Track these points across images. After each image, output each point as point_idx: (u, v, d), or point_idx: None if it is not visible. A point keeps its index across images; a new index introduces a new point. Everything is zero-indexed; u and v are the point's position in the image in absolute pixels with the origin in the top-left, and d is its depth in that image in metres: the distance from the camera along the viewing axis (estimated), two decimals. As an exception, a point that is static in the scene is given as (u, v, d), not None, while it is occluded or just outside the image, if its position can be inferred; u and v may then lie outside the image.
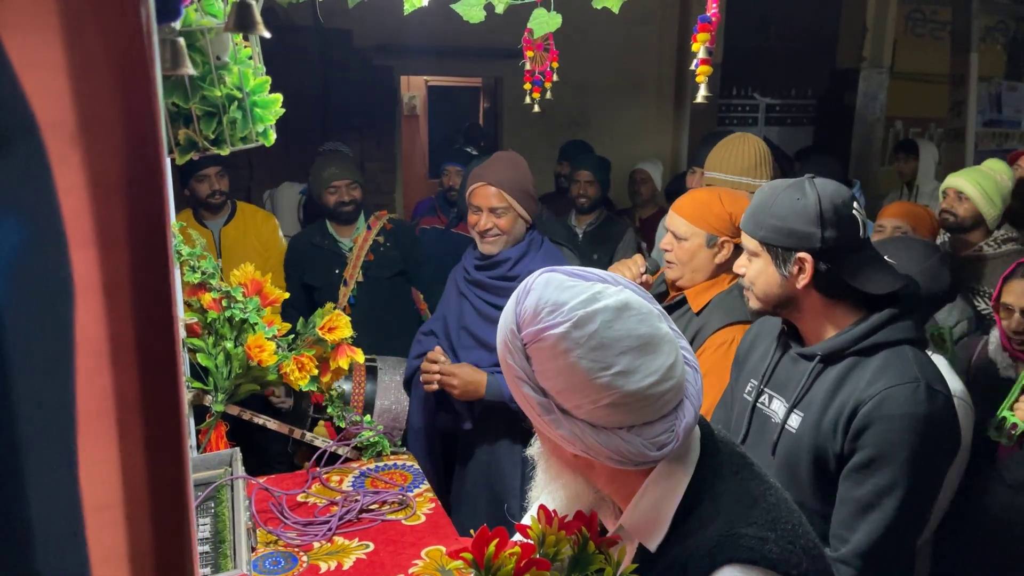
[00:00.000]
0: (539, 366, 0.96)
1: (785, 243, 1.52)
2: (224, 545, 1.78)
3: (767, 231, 1.54)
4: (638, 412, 0.96)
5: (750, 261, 1.61)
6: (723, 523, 0.99)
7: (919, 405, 1.42)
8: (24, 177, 0.51)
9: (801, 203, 1.51)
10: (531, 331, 0.96)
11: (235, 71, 0.90)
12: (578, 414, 0.96)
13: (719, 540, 0.97)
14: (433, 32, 4.59)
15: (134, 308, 0.55)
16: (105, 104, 0.51)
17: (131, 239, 0.54)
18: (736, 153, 2.71)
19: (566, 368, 0.93)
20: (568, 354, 0.93)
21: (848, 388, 1.50)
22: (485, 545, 0.94)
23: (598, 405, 0.94)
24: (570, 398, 0.95)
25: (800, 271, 1.53)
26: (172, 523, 0.58)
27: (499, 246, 2.44)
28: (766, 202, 1.56)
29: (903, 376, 1.46)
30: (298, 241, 3.45)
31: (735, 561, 0.96)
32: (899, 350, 1.51)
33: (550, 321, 0.95)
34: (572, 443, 0.97)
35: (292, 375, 2.15)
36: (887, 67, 6.76)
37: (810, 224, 1.49)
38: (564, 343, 0.93)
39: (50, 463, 0.55)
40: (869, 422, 1.44)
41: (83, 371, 0.54)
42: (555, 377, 0.95)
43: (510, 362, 0.98)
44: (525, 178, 2.45)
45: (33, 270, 0.52)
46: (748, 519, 0.99)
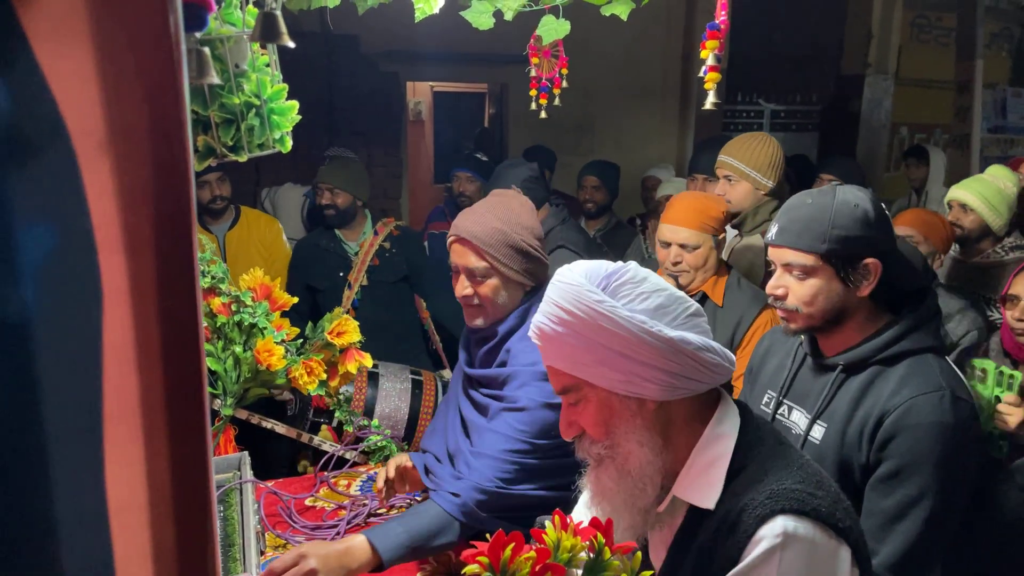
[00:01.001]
0: (628, 296, 1.10)
1: (853, 251, 1.50)
2: (233, 548, 1.79)
3: (833, 243, 1.50)
4: (705, 326, 1.14)
5: (802, 280, 1.54)
6: (772, 480, 1.08)
7: (945, 414, 1.42)
8: (55, 184, 0.52)
9: (860, 210, 1.50)
10: (603, 275, 1.12)
11: (253, 79, 0.92)
12: (675, 325, 1.10)
13: (771, 493, 1.06)
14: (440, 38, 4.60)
15: (160, 311, 0.56)
16: (134, 112, 0.52)
17: (158, 244, 0.55)
18: (759, 149, 2.75)
19: (652, 288, 1.11)
20: (647, 279, 1.12)
21: (872, 397, 1.50)
22: (501, 549, 0.95)
23: (689, 312, 1.12)
24: (666, 311, 1.11)
25: (866, 278, 1.52)
26: (195, 523, 0.59)
27: (481, 319, 1.86)
28: (821, 215, 1.52)
29: (929, 385, 1.45)
30: (304, 243, 3.47)
31: (787, 512, 1.04)
32: (922, 358, 1.51)
33: (615, 267, 1.14)
34: (672, 361, 1.08)
35: (301, 379, 2.16)
36: (892, 73, 6.76)
37: (872, 229, 1.50)
38: (640, 273, 1.13)
39: (77, 463, 0.56)
40: (896, 431, 1.44)
41: (110, 373, 0.55)
42: (648, 296, 1.10)
43: (596, 301, 1.08)
44: (519, 226, 1.82)
45: (63, 274, 0.53)
46: (795, 478, 1.08)
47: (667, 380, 1.09)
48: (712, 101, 1.65)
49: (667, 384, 1.10)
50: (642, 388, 1.10)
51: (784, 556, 1.03)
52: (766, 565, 1.03)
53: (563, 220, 3.04)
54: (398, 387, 2.66)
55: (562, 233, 2.98)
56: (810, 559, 1.04)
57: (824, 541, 1.05)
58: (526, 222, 1.85)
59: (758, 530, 1.04)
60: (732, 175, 2.77)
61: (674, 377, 1.09)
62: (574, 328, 1.09)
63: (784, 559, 1.03)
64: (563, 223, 3.03)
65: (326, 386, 2.24)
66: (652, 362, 1.08)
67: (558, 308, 1.11)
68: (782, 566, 1.03)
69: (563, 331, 1.11)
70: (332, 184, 3.29)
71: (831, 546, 1.05)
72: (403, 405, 2.66)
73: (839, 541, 1.06)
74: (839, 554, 1.06)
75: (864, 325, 1.57)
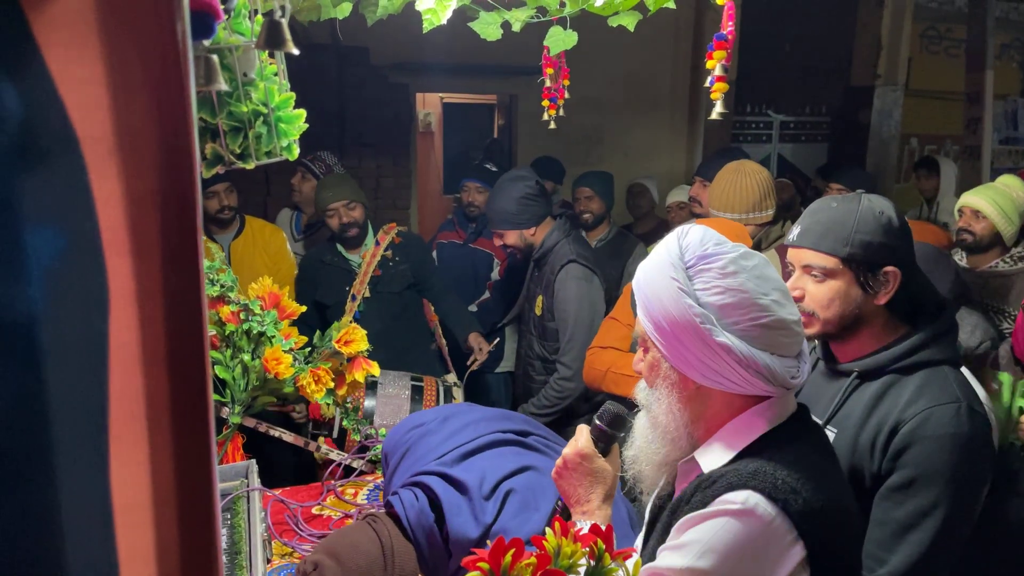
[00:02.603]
0: (705, 284, 1.12)
1: (875, 258, 1.50)
2: (240, 556, 1.79)
3: (855, 247, 1.50)
4: (781, 340, 1.14)
5: (820, 282, 1.54)
6: (769, 466, 1.11)
7: (962, 425, 1.42)
8: (64, 189, 0.53)
9: (885, 217, 1.51)
10: (699, 254, 1.14)
11: (261, 87, 0.93)
12: (735, 329, 1.11)
13: (755, 471, 1.11)
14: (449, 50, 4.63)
15: (166, 315, 0.57)
16: (143, 119, 0.53)
17: (164, 249, 0.56)
18: (739, 192, 2.68)
19: (734, 286, 1.11)
20: (736, 275, 1.12)
21: (886, 406, 1.50)
22: (501, 555, 0.95)
23: (756, 323, 1.11)
24: (732, 313, 1.11)
25: (884, 286, 1.51)
26: (199, 524, 0.59)
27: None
28: (846, 219, 1.52)
29: (945, 396, 1.45)
30: (309, 259, 3.44)
31: (758, 490, 1.08)
32: (939, 370, 1.50)
33: (717, 249, 1.15)
34: (713, 360, 1.11)
35: (308, 387, 2.17)
36: (902, 84, 6.75)
37: (895, 237, 1.50)
38: (733, 266, 1.13)
39: (82, 463, 0.56)
40: (911, 441, 1.43)
41: (116, 375, 0.56)
42: (723, 293, 1.11)
43: (672, 276, 1.13)
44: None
45: (70, 277, 0.54)
46: (790, 472, 1.10)
47: (705, 372, 1.14)
48: (719, 111, 1.66)
49: (703, 374, 1.15)
50: (683, 367, 1.17)
51: (732, 522, 1.08)
52: (713, 521, 1.09)
53: (567, 234, 3.03)
54: (397, 395, 2.66)
55: (570, 247, 2.97)
56: (756, 538, 1.08)
57: (780, 531, 1.08)
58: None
59: (725, 493, 1.10)
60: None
61: (712, 372, 1.14)
62: (649, 288, 1.18)
63: (730, 524, 1.08)
64: (568, 236, 3.02)
65: (333, 394, 2.25)
66: (694, 351, 1.13)
67: (650, 259, 1.20)
68: (724, 528, 1.08)
69: (643, 285, 1.20)
70: (345, 199, 3.19)
71: (785, 540, 1.08)
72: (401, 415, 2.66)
73: (796, 539, 1.08)
74: (790, 550, 1.08)
75: (880, 334, 1.56)
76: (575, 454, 1.33)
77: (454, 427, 1.73)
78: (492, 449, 1.69)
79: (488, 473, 1.61)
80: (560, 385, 2.90)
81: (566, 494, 1.36)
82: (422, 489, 1.62)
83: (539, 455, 1.74)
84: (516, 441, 1.75)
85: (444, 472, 1.61)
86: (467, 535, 1.50)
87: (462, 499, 1.56)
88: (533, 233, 3.02)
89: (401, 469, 1.73)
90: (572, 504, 1.35)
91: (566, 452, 1.35)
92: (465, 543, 1.50)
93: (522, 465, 1.65)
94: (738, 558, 1.08)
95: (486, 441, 1.71)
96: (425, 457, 1.67)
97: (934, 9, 7.19)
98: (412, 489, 1.63)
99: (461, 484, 1.57)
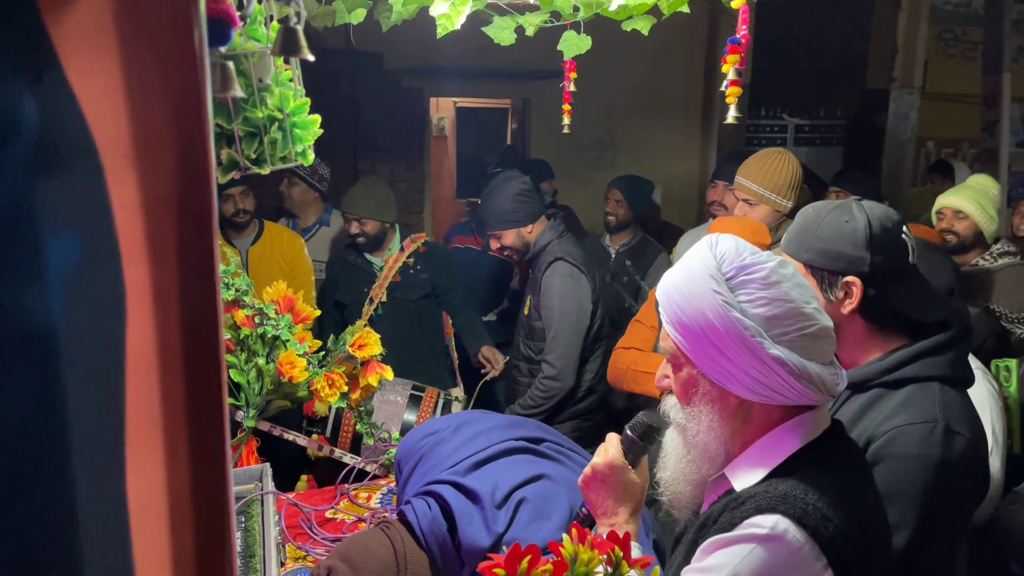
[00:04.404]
0: (749, 296, 1.10)
1: (832, 266, 1.46)
2: (254, 559, 1.80)
3: (813, 253, 1.48)
4: (824, 348, 1.12)
5: None
6: (799, 488, 1.08)
7: (933, 447, 1.36)
8: (82, 195, 0.53)
9: (850, 225, 1.46)
10: (738, 265, 1.11)
11: (276, 93, 0.94)
12: (784, 340, 1.09)
13: (785, 495, 1.07)
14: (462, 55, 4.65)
15: (182, 320, 0.57)
16: (160, 127, 0.54)
17: (180, 254, 0.56)
18: (775, 168, 2.70)
19: (779, 295, 1.09)
20: (779, 285, 1.10)
21: (867, 421, 1.45)
22: (518, 561, 0.95)
23: (804, 332, 1.09)
24: (779, 324, 1.09)
25: (847, 296, 1.47)
26: (214, 528, 0.60)
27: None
28: (811, 224, 1.51)
29: (921, 415, 1.39)
30: (335, 259, 3.50)
31: (788, 515, 1.05)
32: (925, 387, 1.44)
33: (755, 259, 1.12)
34: (764, 374, 1.08)
35: (322, 391, 2.18)
36: (918, 87, 6.71)
37: (859, 248, 1.44)
38: (775, 276, 1.10)
39: (99, 468, 0.57)
40: (877, 459, 1.38)
41: (132, 380, 0.57)
42: (768, 304, 1.09)
43: (714, 289, 1.10)
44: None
45: (88, 283, 0.55)
46: (821, 495, 1.08)
47: (752, 385, 1.11)
48: (733, 115, 1.66)
49: (751, 388, 1.12)
50: (727, 382, 1.13)
51: (760, 548, 1.05)
52: (740, 546, 1.06)
53: (560, 234, 3.00)
54: (395, 401, 2.65)
55: (560, 246, 2.95)
56: (783, 565, 1.05)
57: (809, 559, 1.05)
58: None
59: (754, 516, 1.07)
60: (751, 198, 2.74)
61: (760, 385, 1.11)
62: (685, 302, 1.13)
63: (757, 551, 1.05)
64: (560, 237, 2.99)
65: (347, 398, 2.25)
66: (742, 366, 1.10)
67: (682, 272, 1.16)
68: (752, 554, 1.05)
69: (677, 299, 1.15)
70: (358, 214, 3.29)
71: (814, 568, 1.05)
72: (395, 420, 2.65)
73: (826, 568, 1.05)
74: None
75: (866, 344, 1.51)
76: (605, 464, 1.29)
77: (467, 435, 1.73)
78: (505, 458, 1.68)
79: (500, 482, 1.60)
80: (545, 384, 2.86)
81: (593, 504, 1.33)
82: (434, 498, 1.62)
83: (552, 463, 1.73)
84: (529, 449, 1.74)
85: (456, 481, 1.61)
86: (479, 544, 1.50)
87: (474, 508, 1.55)
88: (530, 231, 3.00)
89: (414, 478, 1.73)
90: (599, 515, 1.32)
91: (596, 462, 1.31)
92: (477, 552, 1.49)
93: (535, 474, 1.64)
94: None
95: (499, 450, 1.70)
96: (438, 466, 1.67)
97: (950, 11, 7.14)
98: (425, 498, 1.63)
99: (473, 493, 1.57)
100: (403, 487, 1.78)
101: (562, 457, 1.77)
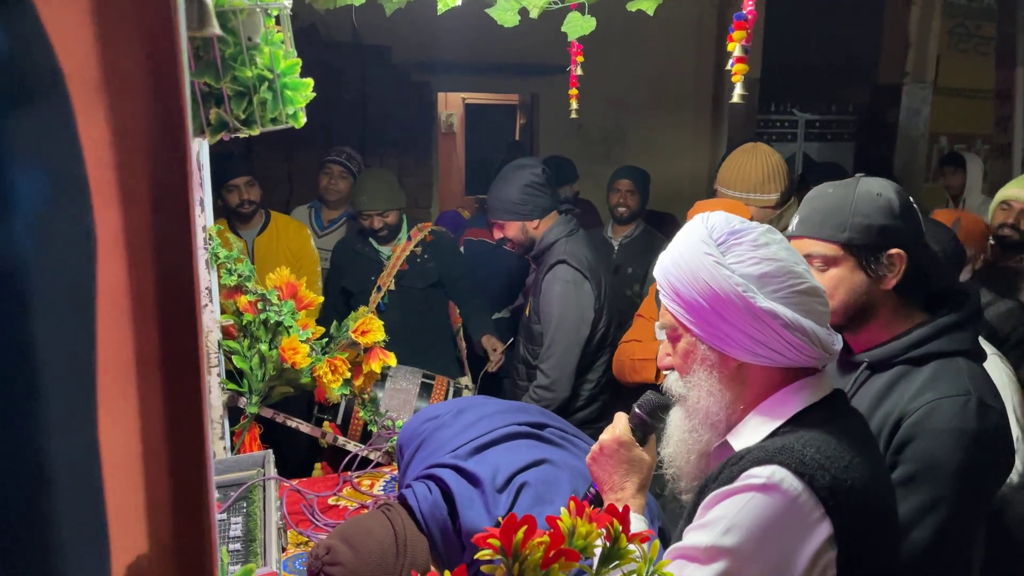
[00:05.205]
0: (738, 257, 1.12)
1: (876, 241, 1.45)
2: (255, 543, 1.78)
3: (854, 231, 1.45)
4: (817, 308, 1.14)
5: (823, 271, 1.48)
6: (797, 442, 1.10)
7: (968, 420, 1.35)
8: (50, 129, 0.51)
9: (884, 198, 1.46)
10: (728, 231, 1.15)
11: (266, 52, 0.92)
12: (775, 296, 1.11)
13: (783, 447, 1.09)
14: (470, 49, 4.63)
15: (155, 263, 0.55)
16: (130, 57, 0.52)
17: (153, 194, 0.54)
18: (745, 169, 2.65)
19: (769, 255, 1.12)
20: (769, 246, 1.13)
21: (894, 398, 1.44)
22: (513, 532, 0.93)
23: (795, 289, 1.12)
24: (770, 281, 1.11)
25: (891, 270, 1.46)
26: (191, 480, 0.58)
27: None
28: (842, 202, 1.47)
29: (954, 388, 1.38)
30: (342, 246, 3.49)
31: (785, 465, 1.07)
32: (952, 361, 1.44)
33: (744, 226, 1.16)
34: (758, 330, 1.10)
35: (325, 377, 2.16)
36: (930, 82, 6.65)
37: (896, 219, 1.45)
38: (764, 237, 1.14)
39: (70, 416, 0.55)
40: (913, 435, 1.37)
41: (104, 325, 0.55)
42: (760, 262, 1.12)
43: (705, 252, 1.13)
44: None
45: (58, 222, 0.53)
46: (819, 449, 1.09)
47: (749, 345, 1.13)
48: (739, 93, 1.62)
49: (749, 348, 1.13)
50: (725, 344, 1.15)
51: (757, 497, 1.06)
52: (738, 497, 1.08)
53: (570, 232, 2.77)
54: (406, 389, 2.63)
55: (566, 246, 2.72)
56: (781, 513, 1.05)
57: (806, 507, 1.06)
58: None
59: (752, 468, 1.09)
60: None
61: (757, 344, 1.12)
62: (679, 270, 1.16)
63: (755, 500, 1.06)
64: (570, 235, 2.76)
65: (350, 385, 2.24)
66: (737, 324, 1.12)
67: (675, 245, 1.20)
68: (749, 504, 1.06)
69: (672, 269, 1.18)
70: (381, 208, 3.26)
71: (811, 516, 1.06)
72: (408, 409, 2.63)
73: (823, 516, 1.06)
74: (816, 527, 1.06)
75: (892, 322, 1.50)
76: (613, 440, 1.31)
77: (469, 420, 1.71)
78: (507, 442, 1.66)
79: (502, 466, 1.58)
80: (538, 394, 2.66)
81: (599, 480, 1.34)
82: (435, 482, 1.60)
83: (555, 448, 1.71)
84: (531, 434, 1.72)
85: (457, 465, 1.59)
86: (480, 528, 1.48)
87: (475, 492, 1.53)
88: (536, 226, 2.78)
89: (415, 462, 1.71)
90: (605, 491, 1.33)
91: (603, 438, 1.34)
92: None
93: (537, 458, 1.62)
94: (763, 534, 1.05)
95: (501, 434, 1.68)
96: (439, 450, 1.65)
97: (963, 6, 7.09)
98: (425, 482, 1.62)
99: (474, 477, 1.55)
100: (404, 471, 1.76)
101: (565, 443, 1.74)
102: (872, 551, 1.11)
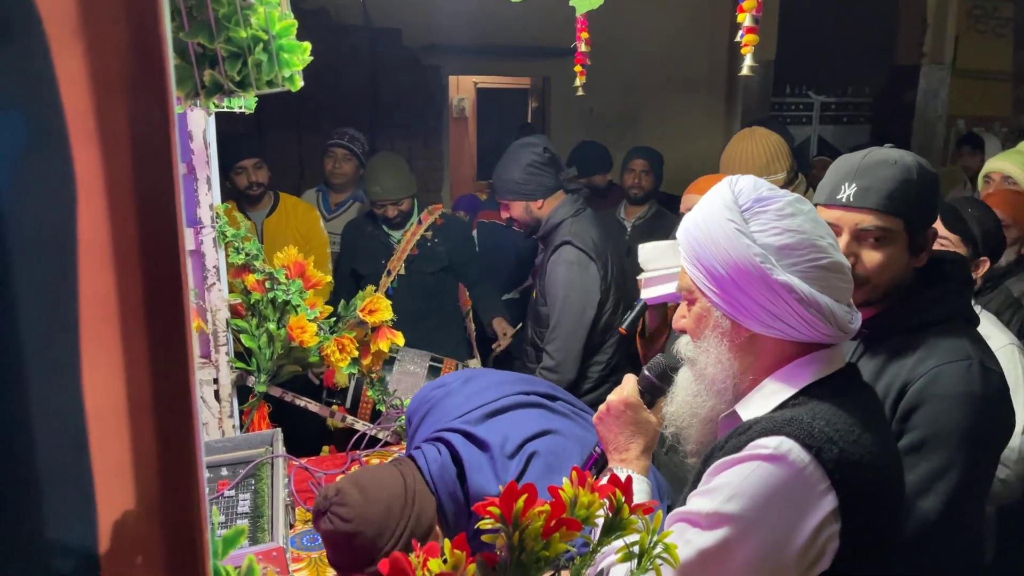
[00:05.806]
0: (762, 226, 1.10)
1: (927, 219, 1.44)
2: (262, 519, 1.79)
3: (917, 210, 1.42)
4: (837, 284, 1.11)
5: (876, 247, 1.42)
6: (807, 414, 1.08)
7: (974, 384, 1.34)
8: (26, 68, 0.50)
9: (934, 176, 1.45)
10: (754, 197, 1.12)
11: (261, 13, 0.90)
12: (794, 270, 1.08)
13: (791, 419, 1.07)
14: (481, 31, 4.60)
15: (138, 210, 0.54)
16: None
17: (134, 138, 0.53)
18: (747, 153, 2.63)
19: (793, 226, 1.09)
20: (794, 217, 1.10)
21: (896, 367, 1.42)
22: (513, 501, 0.92)
23: (815, 263, 1.09)
24: (791, 254, 1.08)
25: (927, 247, 1.46)
26: (178, 432, 0.56)
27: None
28: (907, 177, 1.41)
29: (956, 353, 1.38)
30: (351, 228, 3.47)
31: (792, 436, 1.05)
32: (949, 326, 1.43)
33: (772, 193, 1.13)
34: (773, 302, 1.08)
35: (333, 356, 2.16)
36: (948, 64, 6.56)
37: (935, 196, 1.45)
38: (790, 208, 1.11)
39: (52, 367, 0.54)
40: (920, 401, 1.36)
41: (85, 273, 0.53)
42: (782, 233, 1.09)
43: (728, 218, 1.10)
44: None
45: (35, 165, 0.51)
46: (828, 421, 1.07)
47: (763, 317, 1.11)
48: (749, 64, 1.59)
49: (762, 320, 1.11)
50: (738, 313, 1.13)
51: (763, 466, 1.05)
52: (744, 465, 1.06)
53: (576, 212, 2.69)
54: (415, 372, 2.63)
55: (572, 227, 2.66)
56: (786, 484, 1.04)
57: (812, 479, 1.04)
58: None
59: (760, 438, 1.07)
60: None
61: (770, 316, 1.10)
62: (701, 233, 1.14)
63: (761, 469, 1.05)
64: (576, 215, 2.69)
65: (358, 364, 2.23)
66: (752, 294, 1.10)
67: (700, 208, 1.17)
68: (755, 472, 1.05)
69: (693, 231, 1.16)
70: (395, 198, 3.25)
71: (817, 488, 1.04)
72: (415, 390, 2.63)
73: (829, 489, 1.04)
74: (821, 500, 1.04)
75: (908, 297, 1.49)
76: (620, 401, 1.32)
77: (477, 387, 1.70)
78: (516, 411, 1.65)
79: (511, 434, 1.58)
80: (543, 376, 2.60)
81: (605, 440, 1.34)
82: (444, 445, 1.59)
83: (565, 419, 1.70)
84: (540, 404, 1.71)
85: (466, 430, 1.58)
86: (488, 492, 1.47)
87: (483, 456, 1.53)
88: (540, 206, 2.70)
89: (423, 427, 1.71)
90: (611, 452, 1.33)
91: (611, 398, 1.34)
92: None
93: (546, 428, 1.61)
94: (767, 503, 1.04)
95: (510, 403, 1.67)
96: (447, 415, 1.65)
97: (982, -14, 6.97)
98: (435, 444, 1.61)
99: (483, 442, 1.54)
100: (412, 438, 1.76)
101: (576, 416, 1.73)
102: (876, 526, 1.10)
